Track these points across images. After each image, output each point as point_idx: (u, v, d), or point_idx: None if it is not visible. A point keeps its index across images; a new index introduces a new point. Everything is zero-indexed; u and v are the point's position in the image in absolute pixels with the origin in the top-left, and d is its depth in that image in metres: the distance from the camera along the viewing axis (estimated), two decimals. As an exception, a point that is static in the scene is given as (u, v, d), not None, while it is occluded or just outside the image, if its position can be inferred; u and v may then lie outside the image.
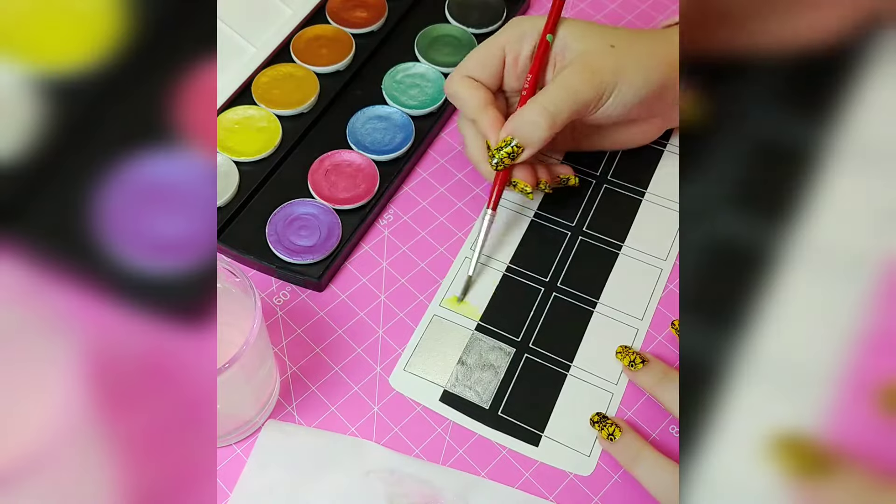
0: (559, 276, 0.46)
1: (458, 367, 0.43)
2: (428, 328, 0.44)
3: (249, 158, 0.49)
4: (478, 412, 0.42)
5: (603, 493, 0.39)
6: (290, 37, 0.54)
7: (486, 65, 0.45)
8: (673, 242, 0.48)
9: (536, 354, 0.44)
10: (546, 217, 0.49)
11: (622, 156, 0.51)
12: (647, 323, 0.45)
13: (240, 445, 0.40)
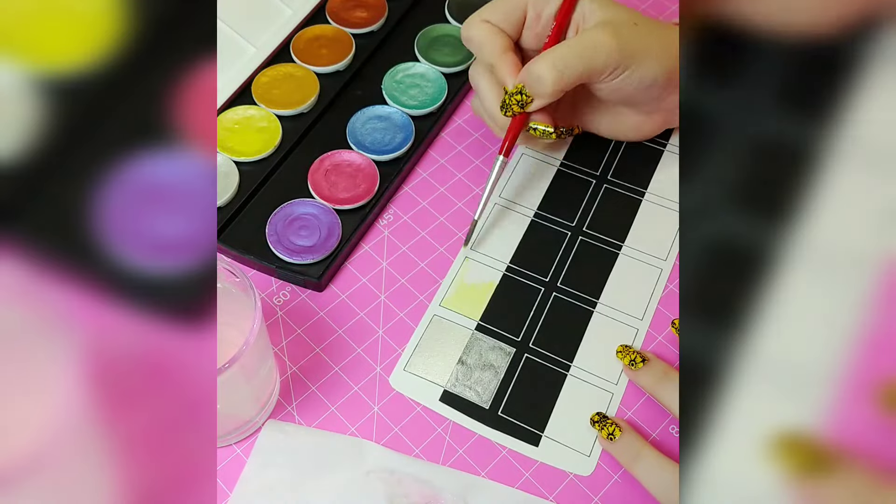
0: (559, 276, 0.46)
1: (459, 367, 0.43)
2: (428, 328, 0.44)
3: (249, 158, 0.49)
4: (478, 412, 0.42)
5: (603, 493, 0.39)
6: (290, 37, 0.54)
7: (507, 15, 0.45)
8: (673, 242, 0.48)
9: (536, 354, 0.44)
10: (546, 217, 0.49)
11: (622, 155, 0.51)
12: (648, 323, 0.45)
13: (240, 445, 0.40)
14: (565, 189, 0.49)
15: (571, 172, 0.50)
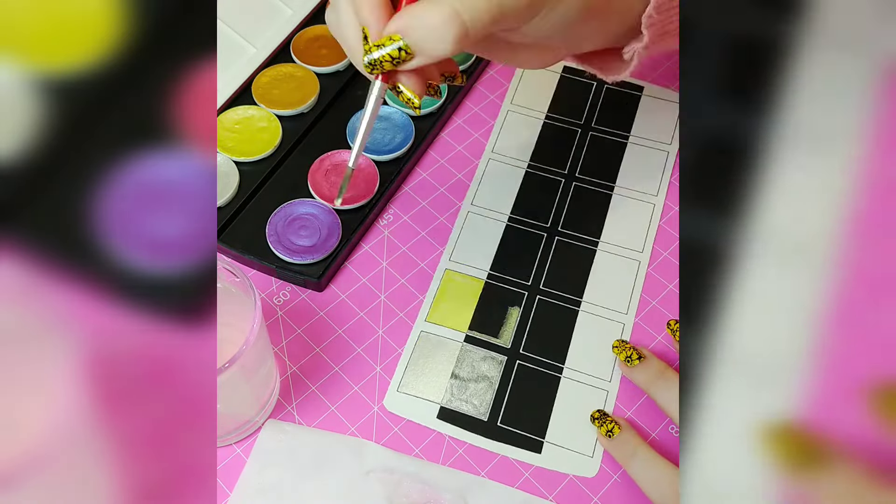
0: (541, 279, 0.46)
1: (452, 382, 0.43)
2: (416, 346, 0.44)
3: (249, 158, 0.49)
4: (477, 426, 0.41)
5: (603, 493, 0.39)
6: (290, 37, 0.54)
7: None
8: (647, 233, 0.48)
9: (528, 360, 0.43)
10: (520, 220, 0.48)
11: (587, 153, 0.51)
12: (633, 316, 0.45)
13: (240, 445, 0.40)
14: (535, 190, 0.49)
15: (539, 173, 0.50)
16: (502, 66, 0.45)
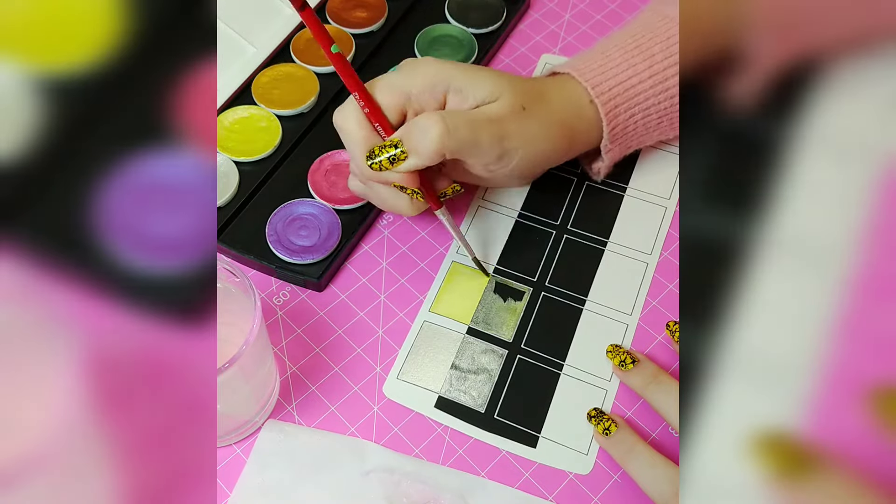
0: (547, 276, 0.46)
1: (452, 372, 0.43)
2: (419, 335, 0.44)
3: (249, 158, 0.49)
4: (474, 417, 0.42)
5: (603, 492, 0.39)
6: (290, 37, 0.54)
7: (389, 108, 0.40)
8: (657, 236, 0.48)
9: (529, 355, 0.44)
10: (530, 217, 0.49)
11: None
12: (637, 318, 0.45)
13: (240, 445, 0.40)
14: (548, 189, 0.50)
15: (553, 172, 0.50)
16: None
